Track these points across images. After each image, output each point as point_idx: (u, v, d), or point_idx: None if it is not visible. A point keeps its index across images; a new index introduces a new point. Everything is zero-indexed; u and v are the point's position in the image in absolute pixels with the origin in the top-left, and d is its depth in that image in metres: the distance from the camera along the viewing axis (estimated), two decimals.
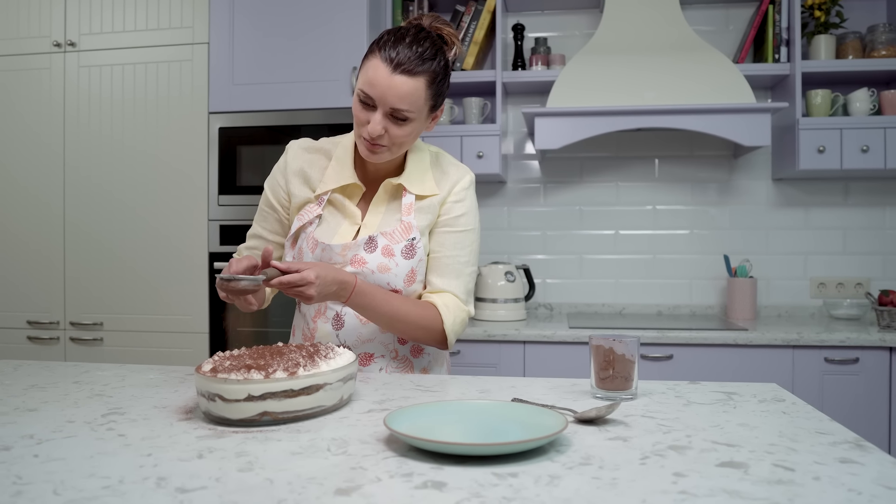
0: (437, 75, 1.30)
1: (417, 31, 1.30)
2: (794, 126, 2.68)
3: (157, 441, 0.93)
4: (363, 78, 1.28)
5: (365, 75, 1.28)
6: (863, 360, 2.41)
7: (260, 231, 1.51)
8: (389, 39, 1.28)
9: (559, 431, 0.87)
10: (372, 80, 1.26)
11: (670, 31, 2.79)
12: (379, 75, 1.26)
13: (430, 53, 1.29)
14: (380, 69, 1.26)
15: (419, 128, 1.34)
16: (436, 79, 1.30)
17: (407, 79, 1.26)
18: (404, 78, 1.25)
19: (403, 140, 1.32)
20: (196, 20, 2.76)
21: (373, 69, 1.27)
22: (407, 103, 1.27)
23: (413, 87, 1.26)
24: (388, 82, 1.25)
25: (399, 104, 1.26)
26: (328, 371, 1.05)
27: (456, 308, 1.42)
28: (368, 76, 1.27)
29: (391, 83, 1.25)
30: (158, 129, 2.78)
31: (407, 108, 1.27)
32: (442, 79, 1.32)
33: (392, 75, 1.25)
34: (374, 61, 1.27)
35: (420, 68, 1.27)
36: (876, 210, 2.95)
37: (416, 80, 1.27)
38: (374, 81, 1.26)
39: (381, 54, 1.26)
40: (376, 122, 1.28)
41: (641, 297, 3.11)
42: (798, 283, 3.00)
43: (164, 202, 2.78)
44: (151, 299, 2.78)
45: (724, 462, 0.85)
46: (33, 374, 1.40)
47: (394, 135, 1.30)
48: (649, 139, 3.09)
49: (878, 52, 2.70)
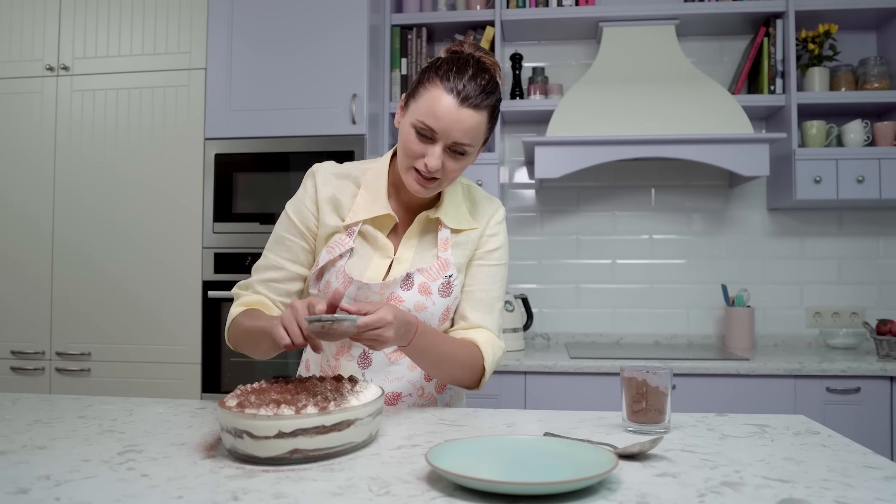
0: (496, 109, 1.27)
1: (476, 62, 1.24)
2: (791, 156, 2.70)
3: (184, 482, 0.88)
4: (424, 108, 1.21)
5: (426, 106, 1.21)
6: (864, 389, 2.41)
7: (279, 262, 1.36)
8: (451, 69, 1.21)
9: (611, 469, 0.84)
10: (437, 113, 1.19)
11: (668, 61, 2.82)
12: (446, 108, 1.19)
13: (492, 86, 1.24)
14: (445, 101, 1.19)
15: (471, 161, 1.29)
16: (494, 112, 1.27)
17: (473, 112, 1.21)
18: (471, 112, 1.20)
19: (456, 174, 1.27)
20: (193, 45, 2.73)
21: (436, 100, 1.20)
22: (470, 137, 1.22)
23: (478, 122, 1.22)
24: (455, 115, 1.19)
25: (463, 138, 1.21)
26: (359, 406, 1.01)
27: (494, 345, 1.37)
28: (432, 107, 1.20)
29: (458, 117, 1.19)
30: (152, 154, 2.73)
31: (469, 143, 1.23)
32: (498, 112, 1.28)
33: (460, 109, 1.19)
34: (435, 91, 1.20)
35: (485, 102, 1.22)
36: (870, 240, 2.98)
37: (480, 115, 1.22)
38: (440, 114, 1.19)
39: (446, 85, 1.20)
40: (436, 155, 1.21)
41: (638, 326, 3.09)
42: (794, 313, 3.01)
43: (158, 229, 2.72)
44: (142, 328, 2.70)
45: (784, 499, 0.82)
46: (34, 409, 1.33)
47: (449, 169, 1.24)
48: (645, 169, 3.11)
49: (870, 85, 2.75)
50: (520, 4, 2.96)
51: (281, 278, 1.37)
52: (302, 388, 1.09)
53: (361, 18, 2.68)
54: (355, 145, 2.65)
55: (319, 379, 1.16)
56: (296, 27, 2.70)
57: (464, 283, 1.39)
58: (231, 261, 2.67)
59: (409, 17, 2.98)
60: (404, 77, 2.98)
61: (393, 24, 2.99)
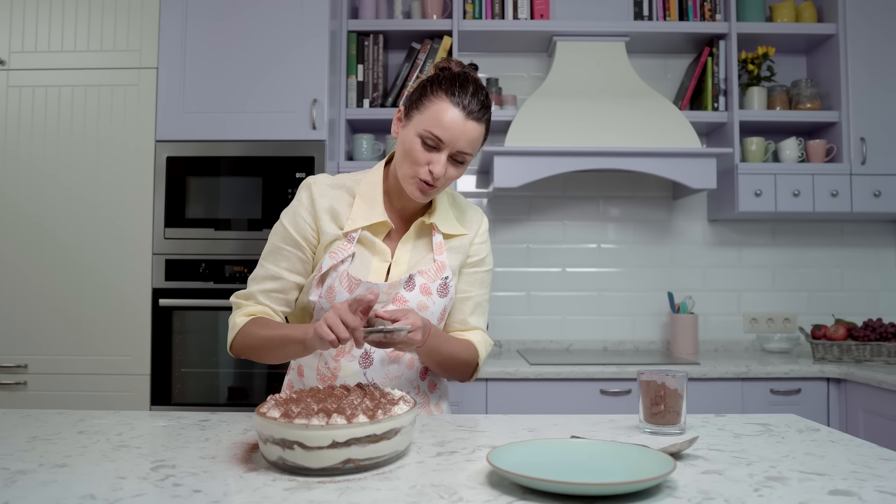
0: (489, 122, 1.37)
1: (474, 80, 1.34)
2: (733, 170, 2.86)
3: (249, 496, 0.84)
4: (431, 120, 1.29)
5: (434, 118, 1.29)
6: (804, 390, 2.57)
7: (278, 271, 1.40)
8: (455, 84, 1.31)
9: (673, 468, 0.87)
10: (444, 124, 1.29)
11: (619, 77, 2.92)
12: (453, 119, 1.29)
13: (488, 102, 1.35)
14: (452, 113, 1.29)
15: (465, 170, 1.38)
16: (489, 125, 1.37)
17: (476, 125, 1.31)
18: (474, 124, 1.31)
19: (452, 181, 1.36)
20: (144, 44, 2.62)
21: (443, 112, 1.29)
22: (472, 147, 1.32)
23: (479, 133, 1.33)
24: (462, 127, 1.29)
25: (466, 148, 1.31)
26: (404, 414, 1.00)
27: (486, 343, 1.50)
28: (440, 119, 1.29)
29: (465, 128, 1.30)
30: (98, 156, 2.60)
31: (470, 152, 1.33)
32: (490, 125, 1.40)
33: (466, 121, 1.30)
34: (442, 105, 1.30)
35: (485, 116, 1.33)
36: (800, 250, 3.18)
37: (481, 126, 1.33)
38: (448, 125, 1.29)
39: (452, 99, 1.30)
40: (441, 163, 1.30)
41: (587, 333, 3.18)
42: (732, 319, 3.18)
43: (104, 234, 2.58)
44: (85, 339, 2.56)
45: (833, 490, 0.87)
46: (22, 425, 1.24)
47: (449, 176, 1.34)
48: (594, 180, 3.21)
49: (803, 105, 2.94)
50: (476, 16, 3.00)
51: (280, 288, 1.41)
52: (333, 397, 1.07)
53: (322, 24, 2.65)
54: (315, 151, 2.61)
55: (344, 388, 1.14)
56: (254, 29, 2.64)
57: (460, 289, 1.49)
58: (184, 268, 2.57)
59: (366, 24, 2.97)
60: (360, 83, 2.96)
61: (349, 30, 2.96)
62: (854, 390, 2.48)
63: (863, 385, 2.43)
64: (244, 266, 2.58)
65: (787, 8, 2.98)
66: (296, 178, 2.60)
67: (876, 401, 2.36)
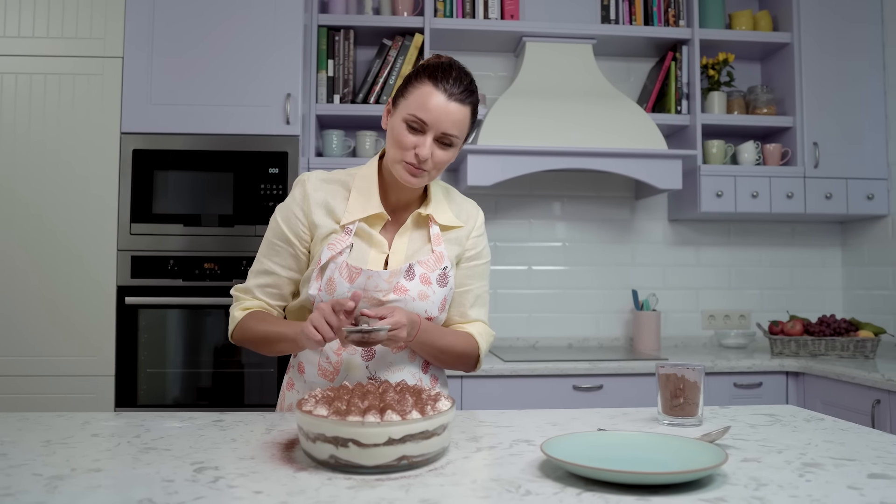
0: (476, 108, 1.40)
1: (459, 67, 1.38)
2: (696, 172, 2.96)
3: (314, 496, 0.83)
4: (415, 104, 1.33)
5: (418, 101, 1.33)
6: (765, 384, 2.68)
7: (271, 267, 1.44)
8: (438, 70, 1.35)
9: (727, 458, 0.90)
10: (428, 106, 1.32)
11: (587, 78, 2.98)
12: (436, 102, 1.33)
13: (473, 87, 1.39)
14: (436, 96, 1.33)
15: (455, 154, 1.40)
16: (475, 110, 1.40)
17: (460, 106, 1.34)
18: (458, 105, 1.34)
19: (443, 165, 1.38)
20: (108, 32, 2.51)
21: (427, 95, 1.33)
22: (457, 129, 1.35)
23: (463, 115, 1.36)
24: (444, 108, 1.32)
25: (451, 129, 1.34)
26: (449, 410, 1.00)
27: (486, 334, 1.51)
28: (423, 102, 1.33)
29: (448, 109, 1.33)
30: (59, 148, 2.47)
31: (456, 134, 1.35)
32: (477, 112, 1.42)
33: (448, 102, 1.33)
34: (425, 88, 1.34)
35: (468, 99, 1.36)
36: (754, 249, 3.32)
37: (465, 109, 1.36)
38: (431, 107, 1.32)
39: (435, 83, 1.33)
40: (427, 145, 1.33)
41: (553, 330, 3.23)
42: (691, 316, 3.29)
43: (65, 229, 2.46)
44: (45, 339, 2.43)
45: (872, 474, 0.92)
46: (27, 429, 1.18)
47: (437, 159, 1.36)
48: (559, 179, 3.26)
49: (759, 110, 3.07)
50: (447, 14, 3.00)
51: (274, 283, 1.45)
52: (369, 394, 1.05)
53: (297, 16, 2.60)
54: (289, 146, 2.57)
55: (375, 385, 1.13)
56: (226, 19, 2.57)
57: (459, 282, 1.51)
58: (151, 264, 2.48)
59: (336, 19, 2.93)
60: (331, 79, 2.92)
61: (320, 25, 2.92)
62: (812, 383, 2.61)
63: (821, 378, 2.55)
64: (215, 263, 2.51)
65: (746, 16, 3.10)
66: (269, 174, 2.55)
67: (833, 392, 2.49)
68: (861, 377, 2.33)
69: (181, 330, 2.51)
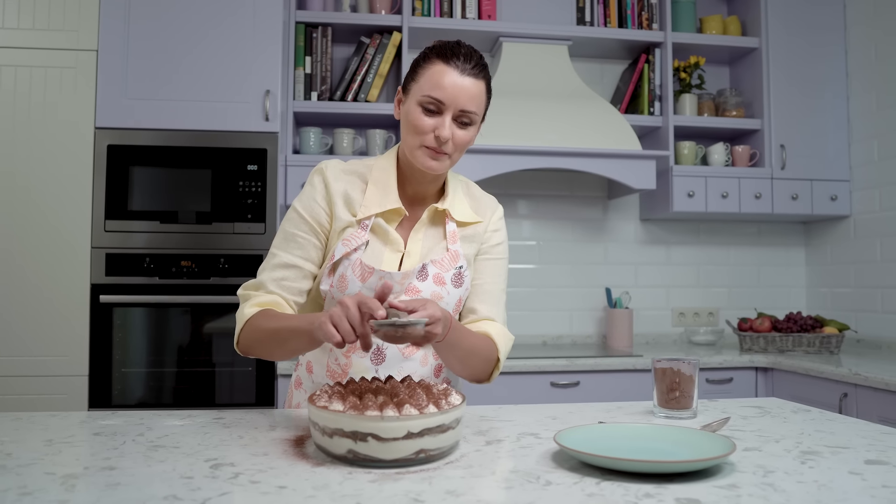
0: (489, 84, 1.35)
1: (466, 45, 1.32)
2: (668, 172, 3.03)
3: (339, 489, 0.83)
4: (428, 84, 1.28)
5: (431, 81, 1.28)
6: (736, 379, 2.76)
7: (292, 260, 1.33)
8: (447, 48, 1.30)
9: (735, 448, 0.93)
10: (442, 84, 1.27)
11: (563, 79, 3.02)
12: (450, 79, 1.27)
13: (483, 62, 1.33)
14: (449, 73, 1.27)
15: (475, 135, 1.34)
16: (489, 86, 1.35)
17: (474, 81, 1.29)
18: (472, 80, 1.29)
19: (464, 146, 1.32)
20: (82, 24, 2.46)
21: (440, 74, 1.28)
22: (474, 104, 1.29)
23: (479, 89, 1.30)
24: (459, 83, 1.27)
25: (468, 105, 1.28)
26: (462, 404, 1.01)
27: (505, 336, 1.41)
28: (437, 81, 1.27)
29: (463, 84, 1.27)
30: (30, 142, 2.41)
31: (474, 111, 1.29)
32: (491, 89, 1.36)
33: (462, 77, 1.27)
34: (437, 67, 1.28)
35: (481, 73, 1.31)
36: (722, 248, 3.41)
37: (480, 83, 1.30)
38: (446, 84, 1.27)
39: (446, 61, 1.28)
40: (446, 125, 1.27)
41: (527, 328, 3.26)
42: (662, 314, 3.36)
43: (37, 226, 2.40)
44: (16, 339, 2.37)
45: (870, 460, 0.96)
46: (26, 429, 1.15)
47: (458, 139, 1.30)
48: (533, 179, 3.29)
49: (728, 113, 3.15)
50: (425, 13, 3.01)
51: (294, 276, 1.34)
52: (383, 389, 1.06)
53: (276, 12, 2.58)
54: (268, 143, 2.55)
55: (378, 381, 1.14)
56: (204, 13, 2.53)
57: (473, 277, 1.43)
58: (127, 262, 2.44)
59: (314, 16, 2.91)
60: (308, 76, 2.90)
61: (297, 21, 2.90)
62: (781, 378, 2.69)
63: (789, 373, 2.64)
64: (192, 261, 2.48)
65: (716, 21, 3.18)
66: (247, 171, 2.53)
67: (802, 387, 2.57)
68: (829, 372, 2.41)
69: (157, 329, 2.47)
